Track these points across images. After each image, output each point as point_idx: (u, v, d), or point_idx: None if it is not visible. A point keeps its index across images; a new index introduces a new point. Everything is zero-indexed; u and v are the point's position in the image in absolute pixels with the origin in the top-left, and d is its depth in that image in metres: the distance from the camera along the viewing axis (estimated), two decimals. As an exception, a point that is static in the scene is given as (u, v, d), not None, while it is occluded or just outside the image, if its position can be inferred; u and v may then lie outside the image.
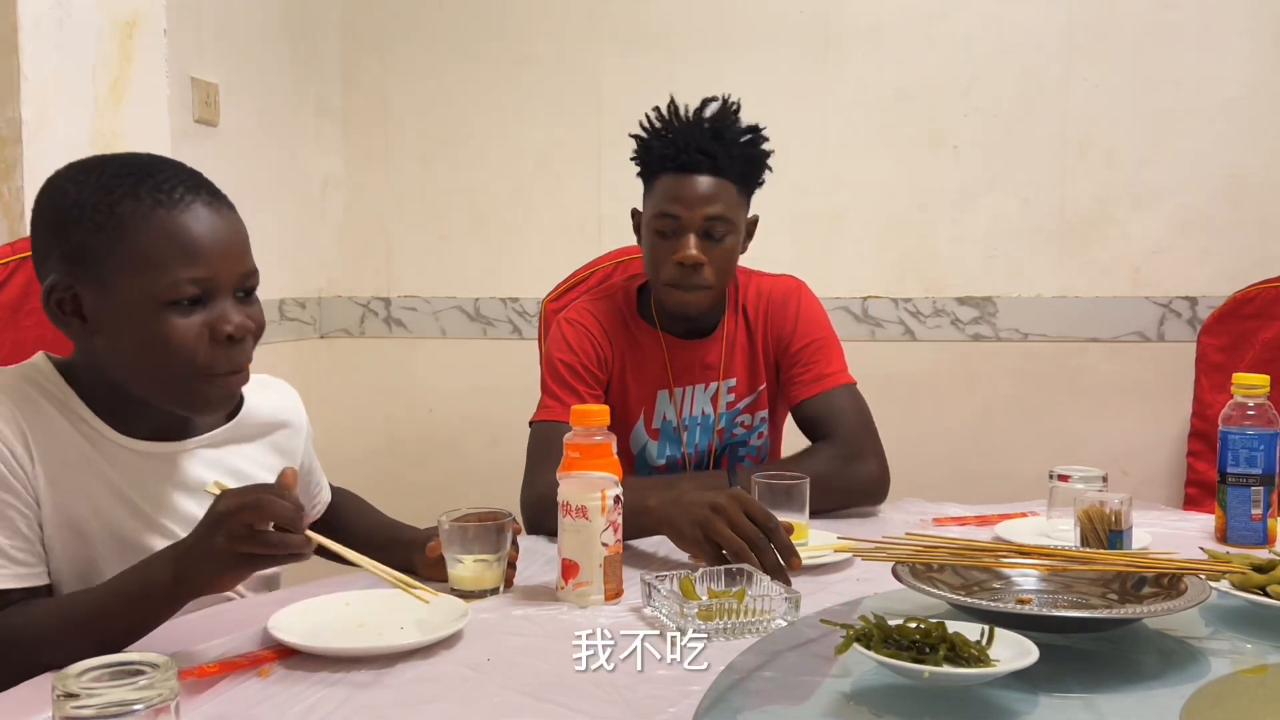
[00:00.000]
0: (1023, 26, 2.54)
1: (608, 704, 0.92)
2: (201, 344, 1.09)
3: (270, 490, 1.00)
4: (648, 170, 1.69)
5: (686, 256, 1.61)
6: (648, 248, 1.68)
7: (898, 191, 2.61)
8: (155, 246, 1.07)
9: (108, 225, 1.07)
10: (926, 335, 2.61)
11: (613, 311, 1.75)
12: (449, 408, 2.82)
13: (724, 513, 1.27)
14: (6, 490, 1.08)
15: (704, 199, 1.62)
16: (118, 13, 2.01)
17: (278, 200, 2.64)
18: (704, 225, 1.62)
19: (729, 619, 1.09)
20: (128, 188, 1.08)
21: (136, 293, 1.07)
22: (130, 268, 1.07)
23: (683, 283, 1.63)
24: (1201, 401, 2.32)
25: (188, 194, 1.09)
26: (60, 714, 0.69)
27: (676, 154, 1.63)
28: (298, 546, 0.99)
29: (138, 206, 1.07)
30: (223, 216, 1.12)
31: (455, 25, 2.76)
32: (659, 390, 1.73)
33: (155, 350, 1.08)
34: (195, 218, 1.09)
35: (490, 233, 2.78)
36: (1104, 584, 1.12)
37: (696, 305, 1.67)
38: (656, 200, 1.65)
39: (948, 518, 1.61)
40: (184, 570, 1.01)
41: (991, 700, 0.91)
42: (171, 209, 1.08)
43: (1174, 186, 2.50)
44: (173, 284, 1.07)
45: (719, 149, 1.63)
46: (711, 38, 2.64)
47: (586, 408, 1.24)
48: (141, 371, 1.12)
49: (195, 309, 1.09)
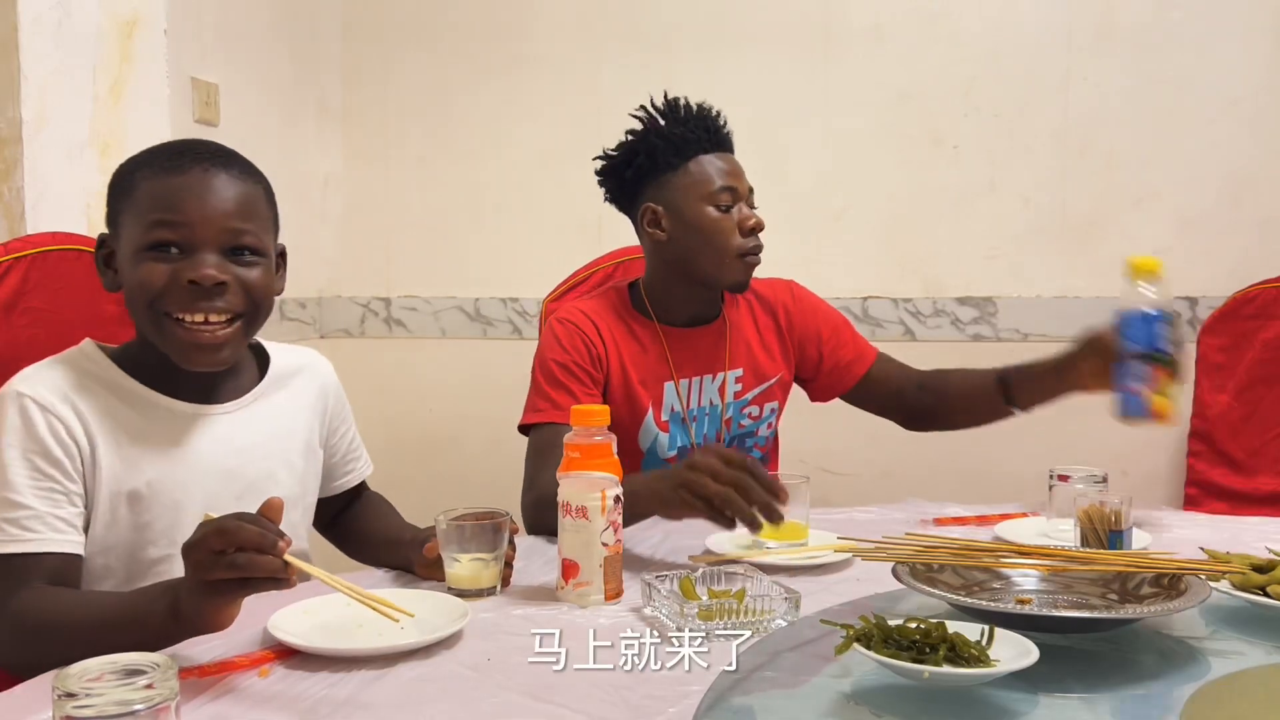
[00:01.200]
0: (1023, 26, 2.54)
1: (608, 704, 0.92)
2: (172, 288, 1.17)
3: (241, 516, 0.99)
4: (675, 157, 1.69)
5: (759, 222, 1.69)
6: (706, 226, 1.67)
7: (898, 191, 2.61)
8: (145, 201, 1.19)
9: (125, 189, 1.21)
10: (926, 335, 2.61)
11: (607, 308, 1.75)
12: (449, 408, 2.82)
13: (701, 468, 1.29)
14: (53, 465, 1.16)
15: (742, 173, 1.72)
16: (118, 13, 2.01)
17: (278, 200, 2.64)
18: (749, 196, 1.72)
19: (729, 619, 1.09)
20: (146, 159, 1.22)
21: (130, 243, 1.20)
22: (129, 222, 1.20)
23: (757, 249, 1.70)
24: (1201, 401, 2.32)
25: (188, 162, 1.20)
26: (60, 714, 0.69)
27: (709, 134, 1.70)
28: (269, 570, 0.96)
29: (146, 172, 1.20)
30: (223, 180, 1.21)
31: (455, 25, 2.76)
32: (664, 382, 1.73)
33: (133, 290, 1.19)
34: (188, 178, 1.19)
35: (490, 233, 2.78)
36: (1104, 584, 1.12)
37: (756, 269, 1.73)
38: (704, 178, 1.68)
39: (948, 518, 1.61)
40: (174, 603, 1.02)
41: (991, 700, 0.91)
42: (169, 174, 1.19)
43: (1174, 186, 2.50)
44: (146, 230, 1.18)
45: (728, 134, 1.73)
46: (712, 38, 2.64)
47: (587, 408, 1.24)
48: (136, 316, 1.22)
49: (175, 259, 1.18)
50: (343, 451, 1.47)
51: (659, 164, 1.69)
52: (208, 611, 1.01)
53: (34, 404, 1.16)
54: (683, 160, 1.68)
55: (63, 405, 1.17)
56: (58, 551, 1.14)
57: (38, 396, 1.17)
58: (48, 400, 1.17)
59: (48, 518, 1.14)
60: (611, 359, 1.71)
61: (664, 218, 1.70)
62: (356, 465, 1.50)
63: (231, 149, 1.27)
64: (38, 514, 1.14)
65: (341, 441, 1.47)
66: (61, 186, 1.90)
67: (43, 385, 1.18)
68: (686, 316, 1.76)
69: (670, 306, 1.75)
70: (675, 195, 1.69)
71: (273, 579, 0.97)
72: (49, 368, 1.21)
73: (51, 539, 1.14)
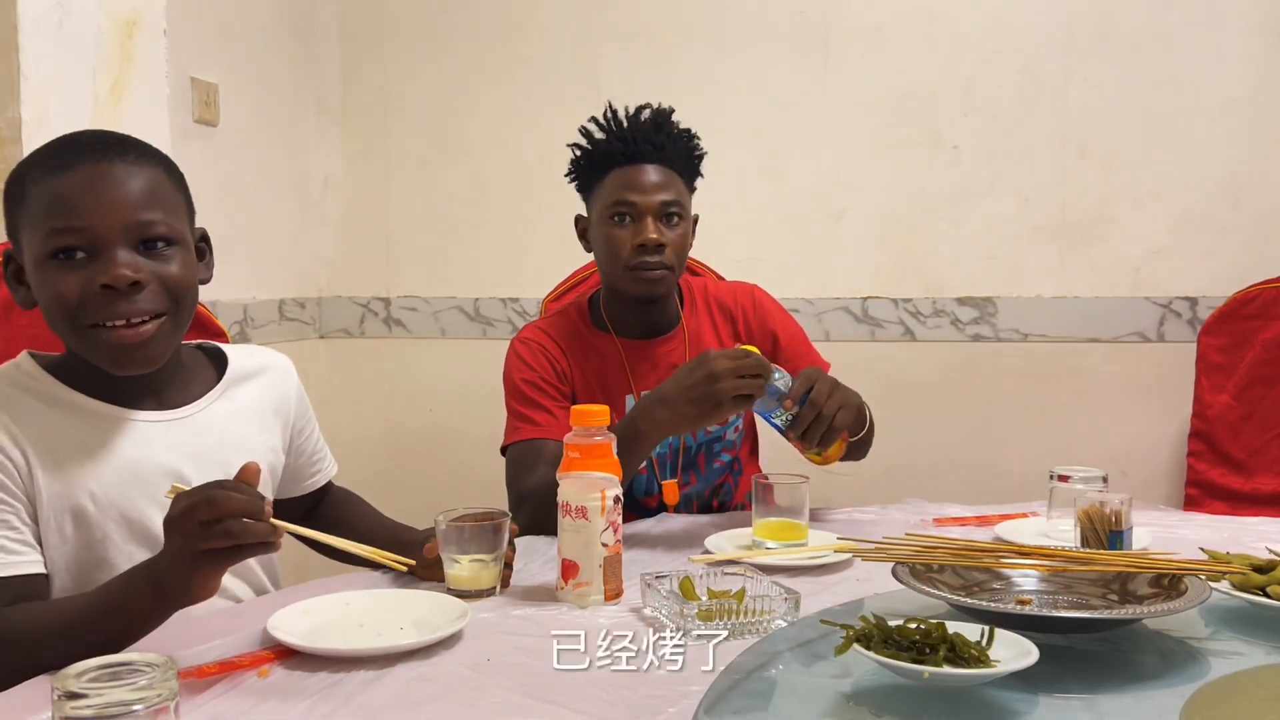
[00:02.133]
0: (1023, 27, 2.54)
1: (608, 704, 0.92)
2: (87, 296, 1.10)
3: (223, 484, 0.99)
4: (596, 170, 1.71)
5: (648, 239, 1.65)
6: (604, 240, 1.70)
7: (898, 191, 2.61)
8: (38, 207, 1.12)
9: (17, 196, 1.14)
10: (926, 336, 2.61)
11: (565, 325, 1.77)
12: (449, 408, 2.82)
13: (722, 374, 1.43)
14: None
15: (657, 186, 1.68)
16: (118, 13, 2.01)
17: (278, 200, 2.64)
18: (660, 209, 1.67)
19: (729, 619, 1.09)
20: (34, 160, 1.15)
21: (31, 254, 1.13)
22: (28, 231, 1.13)
23: (646, 263, 1.67)
24: (1201, 402, 2.32)
25: (77, 156, 1.13)
26: (60, 714, 0.69)
27: (626, 146, 1.68)
28: (261, 535, 0.96)
29: (36, 175, 1.13)
30: (119, 169, 1.13)
31: (455, 25, 2.76)
32: (625, 395, 1.73)
33: (48, 305, 1.13)
34: (76, 176, 1.11)
35: (490, 233, 2.78)
36: (1104, 584, 1.12)
37: (660, 286, 1.70)
38: (610, 192, 1.69)
39: (948, 518, 1.61)
40: (158, 581, 1.00)
41: (991, 701, 0.91)
42: (59, 172, 1.12)
43: (1174, 187, 2.50)
44: (44, 238, 1.11)
45: (665, 140, 1.69)
46: (711, 38, 2.64)
47: (586, 408, 1.24)
48: (56, 331, 1.15)
49: (83, 263, 1.11)
50: (309, 452, 1.43)
51: (589, 176, 1.73)
52: (196, 582, 0.99)
53: None
54: (603, 173, 1.70)
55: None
56: (19, 574, 1.09)
57: None
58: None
59: (2, 541, 1.09)
60: (576, 374, 1.73)
61: (587, 230, 1.76)
62: (323, 465, 1.46)
63: (124, 134, 1.19)
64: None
65: (307, 443, 1.43)
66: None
67: None
68: (640, 328, 1.77)
69: (623, 319, 1.77)
70: (591, 208, 1.74)
71: (263, 543, 0.97)
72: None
73: (12, 562, 1.09)
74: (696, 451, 1.77)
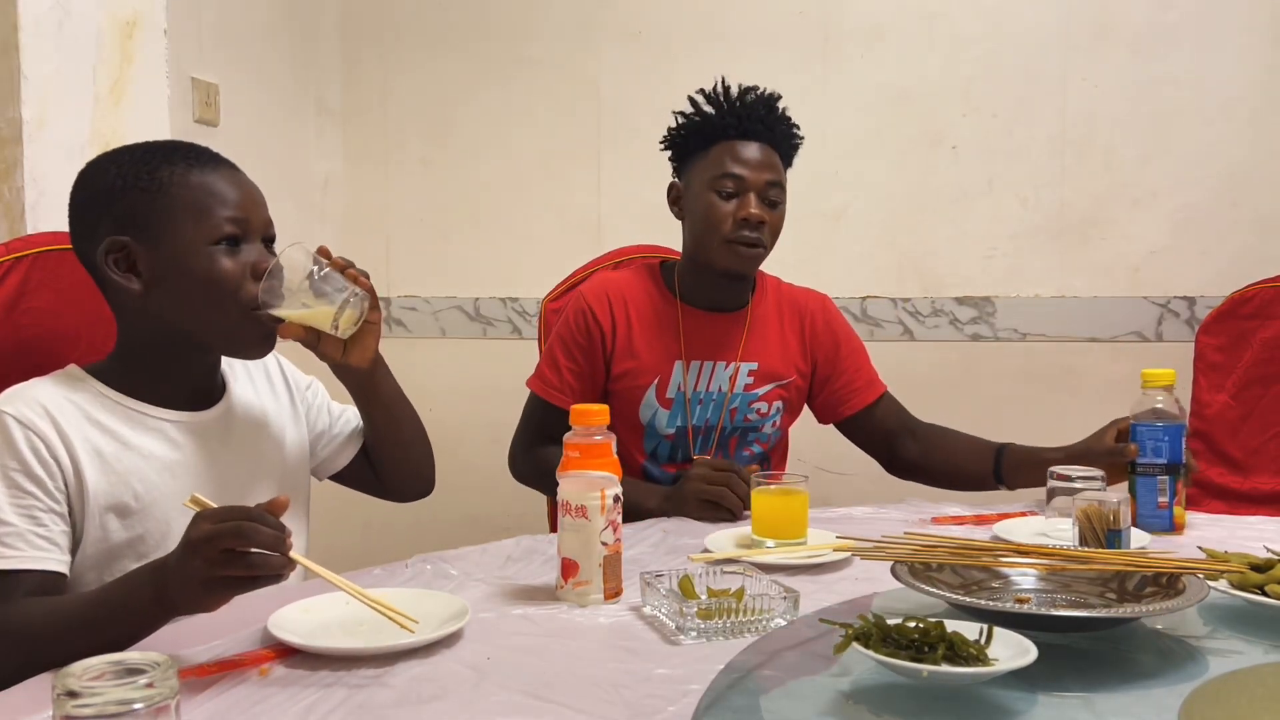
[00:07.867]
0: (1022, 26, 2.54)
1: (607, 704, 0.92)
2: (246, 280, 1.22)
3: (251, 514, 0.99)
4: (701, 140, 1.74)
5: (751, 214, 1.69)
6: (703, 209, 1.72)
7: (897, 191, 2.61)
8: (195, 197, 1.22)
9: (151, 188, 1.21)
10: (926, 335, 2.61)
11: (634, 279, 1.82)
12: (449, 408, 2.81)
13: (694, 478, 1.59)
14: (33, 481, 1.14)
15: (763, 164, 1.72)
16: (118, 13, 2.01)
17: (278, 200, 2.62)
18: (765, 187, 1.71)
19: (728, 619, 1.09)
20: (163, 156, 1.24)
21: (185, 239, 1.21)
22: (177, 218, 1.21)
23: (745, 238, 1.70)
24: (1200, 401, 2.32)
25: (210, 158, 1.26)
26: (60, 713, 0.69)
27: (739, 121, 1.71)
28: (277, 568, 0.98)
29: (174, 170, 1.22)
30: (243, 176, 1.29)
31: (455, 25, 2.77)
32: (674, 360, 1.76)
33: (209, 287, 1.21)
34: (222, 174, 1.25)
35: (490, 233, 2.78)
36: (1102, 583, 1.12)
37: (752, 263, 1.75)
38: (716, 164, 1.71)
39: (947, 517, 1.61)
40: (163, 590, 1.01)
41: (990, 699, 0.91)
42: (203, 169, 1.24)
43: (1173, 186, 2.50)
44: (215, 225, 1.22)
45: (775, 121, 1.73)
46: (711, 38, 2.64)
47: (586, 407, 1.24)
48: (199, 313, 1.23)
49: (235, 251, 1.23)
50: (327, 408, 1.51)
51: (690, 145, 1.76)
52: (207, 604, 1.01)
53: (15, 421, 1.14)
54: (708, 144, 1.73)
55: (43, 422, 1.16)
56: (39, 569, 1.12)
57: (18, 414, 1.15)
58: (28, 418, 1.15)
59: (29, 535, 1.12)
60: (620, 330, 1.77)
61: (681, 196, 1.78)
62: (346, 412, 1.53)
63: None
64: (18, 531, 1.12)
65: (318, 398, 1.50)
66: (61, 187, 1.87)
67: (24, 403, 1.16)
68: (707, 300, 1.79)
69: (693, 287, 1.80)
70: (692, 177, 1.76)
71: (276, 576, 0.99)
72: (31, 386, 1.20)
73: (33, 556, 1.12)
74: (730, 433, 1.79)
